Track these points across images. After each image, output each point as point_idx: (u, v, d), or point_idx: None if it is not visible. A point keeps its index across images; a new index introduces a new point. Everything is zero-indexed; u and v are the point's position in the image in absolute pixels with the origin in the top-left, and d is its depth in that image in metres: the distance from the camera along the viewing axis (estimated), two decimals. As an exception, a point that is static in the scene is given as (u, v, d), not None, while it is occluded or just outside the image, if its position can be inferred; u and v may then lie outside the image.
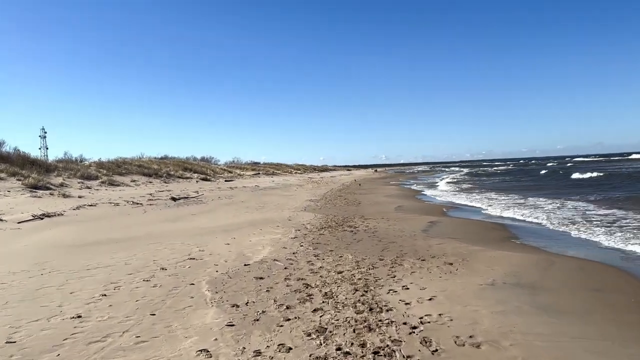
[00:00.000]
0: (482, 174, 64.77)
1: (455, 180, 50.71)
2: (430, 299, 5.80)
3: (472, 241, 10.61)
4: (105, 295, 6.33)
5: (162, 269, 7.99)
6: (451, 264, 7.78)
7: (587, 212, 15.82)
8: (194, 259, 8.85)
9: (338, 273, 7.34)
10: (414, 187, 39.54)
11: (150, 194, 26.36)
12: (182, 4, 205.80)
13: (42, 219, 15.12)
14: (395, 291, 6.22)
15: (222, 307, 5.72)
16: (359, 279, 6.93)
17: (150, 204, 20.67)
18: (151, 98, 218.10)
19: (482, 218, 15.84)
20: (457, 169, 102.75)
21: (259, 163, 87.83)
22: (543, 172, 52.78)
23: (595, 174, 39.74)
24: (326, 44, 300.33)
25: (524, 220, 14.75)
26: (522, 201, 21.48)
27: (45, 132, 67.59)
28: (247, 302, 5.89)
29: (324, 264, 8.12)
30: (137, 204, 20.65)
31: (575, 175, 40.67)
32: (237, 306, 5.75)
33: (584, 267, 7.71)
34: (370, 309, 5.43)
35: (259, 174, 66.10)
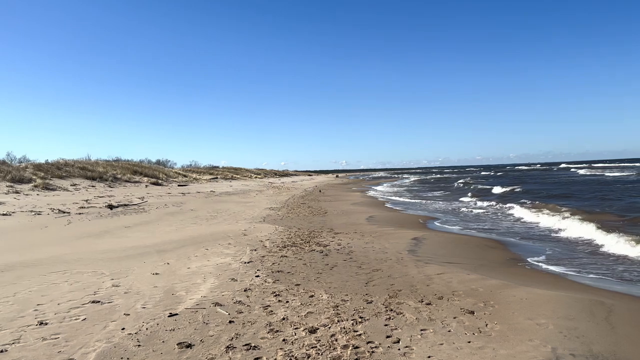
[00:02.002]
0: (426, 182, 63.07)
1: (407, 187, 49.19)
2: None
3: (477, 267, 8.32)
4: None
5: (41, 323, 5.20)
6: (472, 312, 5.37)
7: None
8: (98, 302, 6.08)
9: (310, 332, 4.78)
10: (378, 194, 37.49)
11: (87, 200, 22.96)
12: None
13: None
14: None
15: None
16: (344, 346, 4.40)
17: (80, 213, 17.45)
18: (107, 99, 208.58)
19: (462, 231, 13.70)
20: (409, 176, 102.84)
21: (217, 167, 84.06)
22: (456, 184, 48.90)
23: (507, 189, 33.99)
24: (288, 48, 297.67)
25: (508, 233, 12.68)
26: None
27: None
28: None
29: (288, 311, 5.53)
30: (64, 212, 17.38)
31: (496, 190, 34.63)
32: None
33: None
34: None
35: (216, 178, 62.56)
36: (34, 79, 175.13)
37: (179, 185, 43.39)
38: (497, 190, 33.79)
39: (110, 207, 19.66)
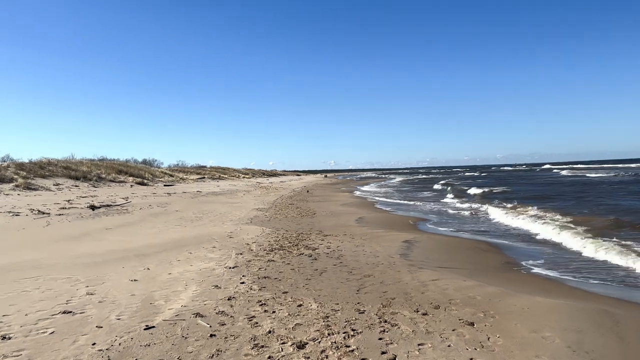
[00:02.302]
0: (413, 182, 63.18)
1: (397, 187, 49.05)
2: None
3: (473, 272, 7.99)
4: None
5: (4, 337, 4.75)
6: (472, 324, 5.02)
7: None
8: (70, 312, 5.62)
9: (299, 348, 4.39)
10: (367, 194, 37.20)
11: (69, 201, 22.31)
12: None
13: None
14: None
15: None
16: (337, 362, 4.02)
17: (61, 214, 16.85)
18: (93, 97, 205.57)
19: (454, 233, 13.41)
20: (395, 176, 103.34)
21: (205, 167, 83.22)
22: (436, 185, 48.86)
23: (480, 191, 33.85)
24: (278, 48, 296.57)
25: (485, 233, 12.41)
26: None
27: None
28: None
29: (274, 323, 5.14)
30: (44, 213, 16.76)
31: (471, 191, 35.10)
32: None
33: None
34: None
35: (203, 178, 61.86)
36: (17, 76, 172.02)
37: (165, 185, 42.71)
38: (474, 191, 34.10)
39: (93, 207, 19.06)
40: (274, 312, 5.55)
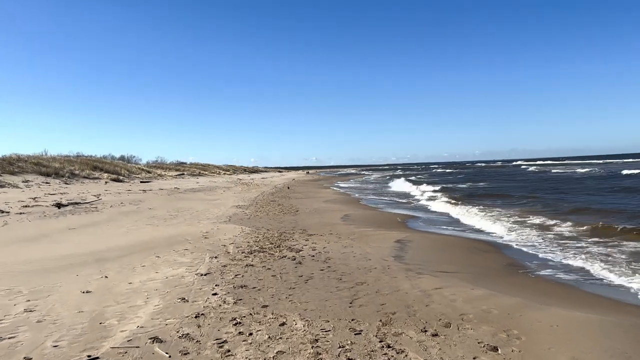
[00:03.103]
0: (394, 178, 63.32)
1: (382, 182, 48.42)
2: None
3: (477, 277, 7.10)
4: None
5: None
6: (496, 349, 4.07)
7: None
8: (-5, 337, 4.51)
9: (281, 389, 3.39)
10: (350, 190, 36.32)
11: (34, 198, 20.82)
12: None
13: None
14: None
15: None
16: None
17: (22, 213, 15.49)
18: (69, 93, 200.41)
19: (446, 231, 12.56)
20: (374, 173, 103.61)
21: (185, 163, 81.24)
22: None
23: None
24: (256, 46, 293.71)
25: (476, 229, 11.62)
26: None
27: None
28: None
29: (251, 351, 4.12)
30: (2, 212, 15.38)
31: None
32: None
33: None
34: None
35: (183, 174, 60.23)
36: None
37: (141, 182, 41.14)
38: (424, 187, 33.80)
39: (59, 205, 17.70)
40: (250, 334, 4.52)
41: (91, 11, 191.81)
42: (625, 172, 42.51)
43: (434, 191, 29.36)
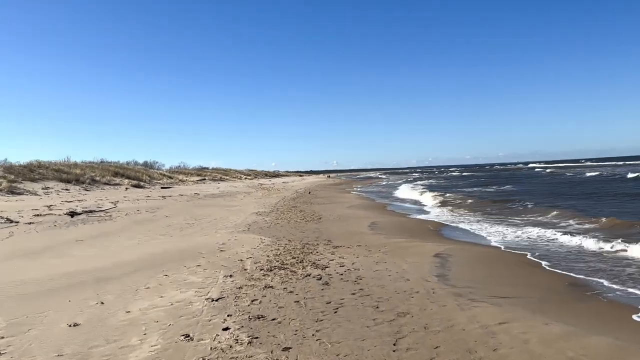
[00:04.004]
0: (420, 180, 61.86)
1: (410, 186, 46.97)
2: None
3: (542, 305, 5.87)
4: None
5: None
6: None
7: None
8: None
9: None
10: (375, 195, 35.06)
11: (49, 206, 20.21)
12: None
13: None
14: None
15: None
16: None
17: (31, 222, 14.78)
18: (95, 98, 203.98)
19: (481, 242, 11.26)
20: (399, 176, 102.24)
21: (207, 168, 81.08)
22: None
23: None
24: (282, 46, 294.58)
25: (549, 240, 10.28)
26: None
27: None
28: None
29: None
30: (12, 222, 14.69)
31: None
32: None
33: None
34: None
35: (204, 179, 59.80)
36: (20, 80, 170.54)
37: (162, 188, 40.66)
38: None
39: (72, 214, 16.99)
40: (268, 395, 3.42)
41: (122, 21, 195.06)
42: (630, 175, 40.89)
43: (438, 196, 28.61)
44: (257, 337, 4.64)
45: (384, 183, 62.67)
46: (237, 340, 4.57)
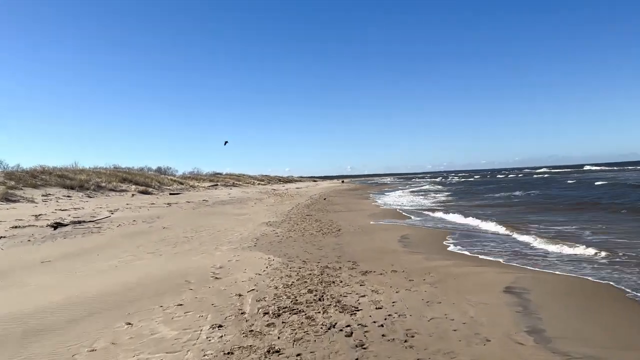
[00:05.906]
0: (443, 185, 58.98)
1: (426, 193, 44.23)
2: None
3: None
4: None
5: None
6: None
7: None
8: None
9: None
10: (395, 202, 32.50)
11: (37, 216, 18.13)
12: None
13: None
14: None
15: None
16: None
17: (4, 237, 12.66)
18: (108, 103, 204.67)
19: (552, 268, 8.72)
20: (419, 181, 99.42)
21: (220, 174, 79.31)
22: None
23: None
24: (295, 51, 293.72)
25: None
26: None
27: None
28: None
29: None
30: (-18, 236, 12.59)
31: None
32: None
33: None
34: None
35: (216, 185, 57.85)
36: (35, 83, 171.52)
37: (170, 194, 38.67)
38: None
39: (56, 226, 14.85)
40: None
41: (135, 30, 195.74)
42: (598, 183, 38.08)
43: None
44: None
45: (399, 189, 59.96)
46: None
